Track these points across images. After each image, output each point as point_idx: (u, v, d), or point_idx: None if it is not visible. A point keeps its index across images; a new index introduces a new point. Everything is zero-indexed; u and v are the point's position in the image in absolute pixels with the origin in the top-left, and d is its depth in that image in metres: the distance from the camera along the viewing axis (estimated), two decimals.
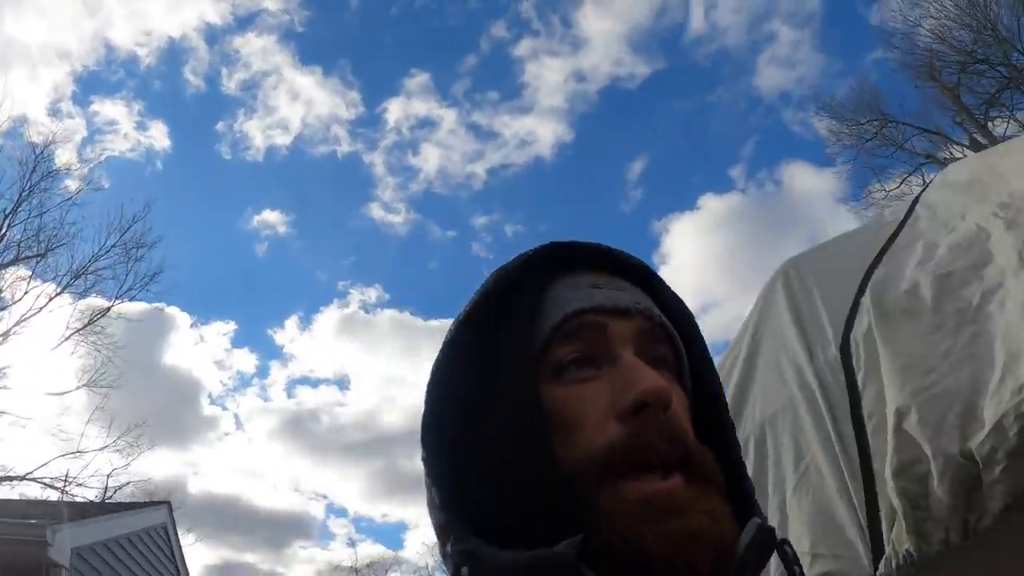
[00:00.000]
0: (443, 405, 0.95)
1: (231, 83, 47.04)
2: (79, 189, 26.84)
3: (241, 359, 63.12)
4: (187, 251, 57.93)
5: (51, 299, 26.39)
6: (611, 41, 46.57)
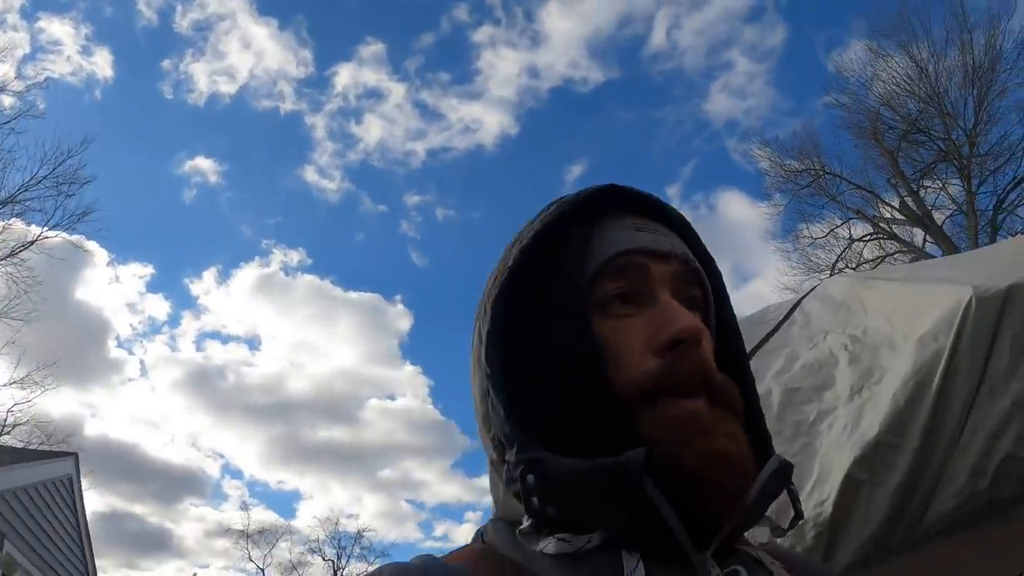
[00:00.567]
0: (503, 326, 0.99)
1: (184, 21, 46.43)
2: (16, 115, 25.71)
3: (154, 305, 61.04)
4: (113, 186, 56.64)
5: None
6: (570, 42, 46.04)
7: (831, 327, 2.91)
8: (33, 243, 25.10)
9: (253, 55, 50.98)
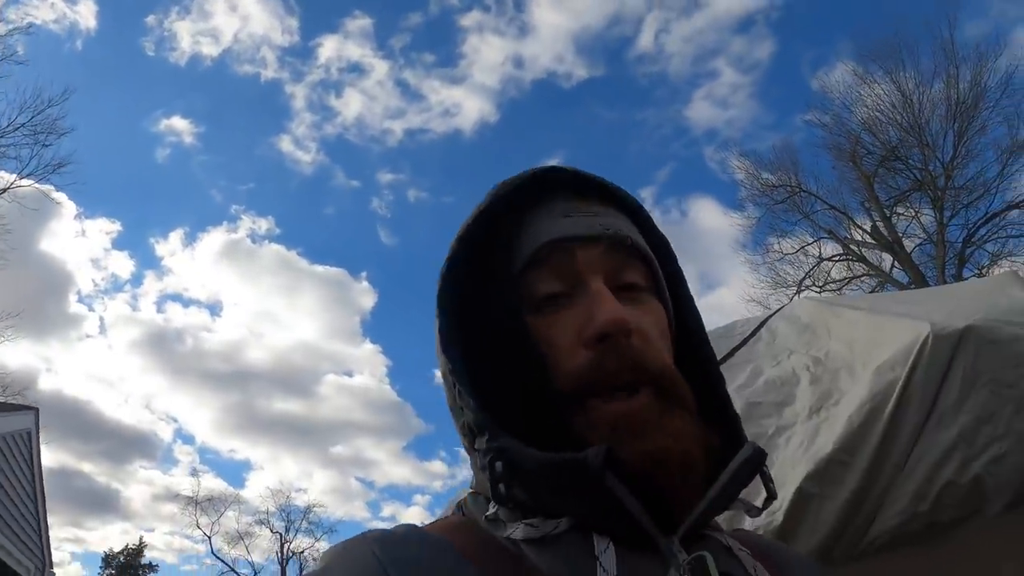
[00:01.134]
0: (454, 319, 0.99)
1: None
2: None
3: (118, 262, 60.52)
4: (86, 138, 55.13)
5: None
6: (558, 36, 45.78)
7: (796, 347, 3.06)
8: (5, 191, 24.60)
9: (239, 19, 51.06)
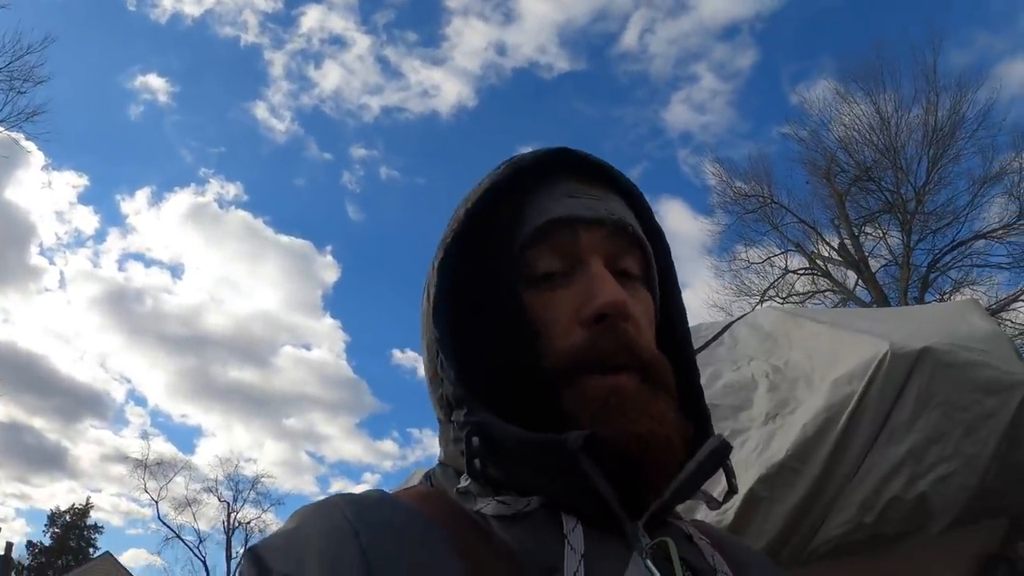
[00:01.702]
0: (447, 292, 0.98)
1: None
2: None
3: (83, 217, 60.00)
4: (61, 89, 54.44)
5: None
6: (543, 27, 45.43)
7: (756, 354, 3.12)
8: None
9: None
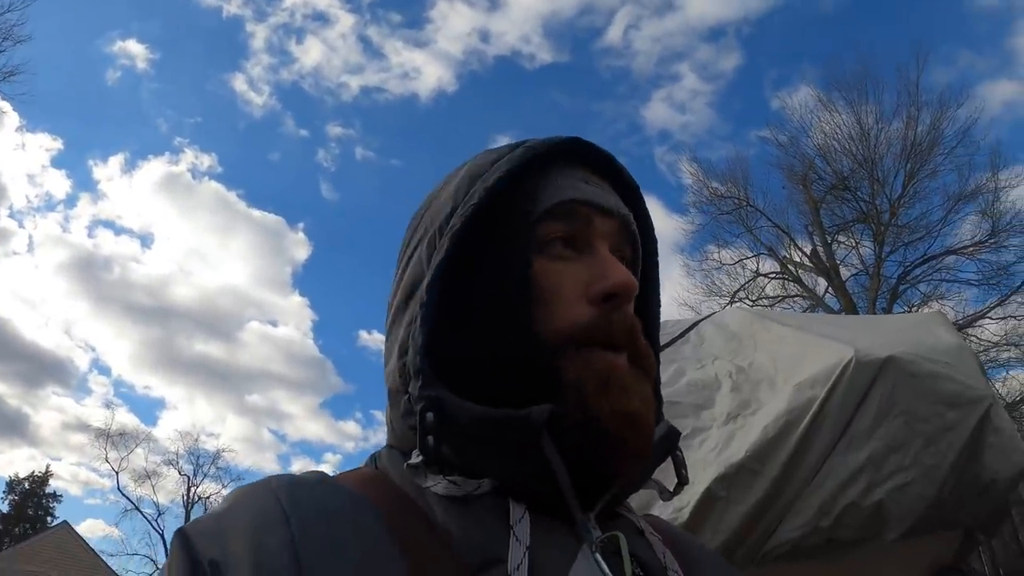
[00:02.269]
0: (450, 261, 0.95)
1: None
2: None
3: (55, 181, 58.49)
4: (39, 50, 52.50)
5: None
6: (528, 16, 44.80)
7: (721, 353, 3.13)
8: None
9: None
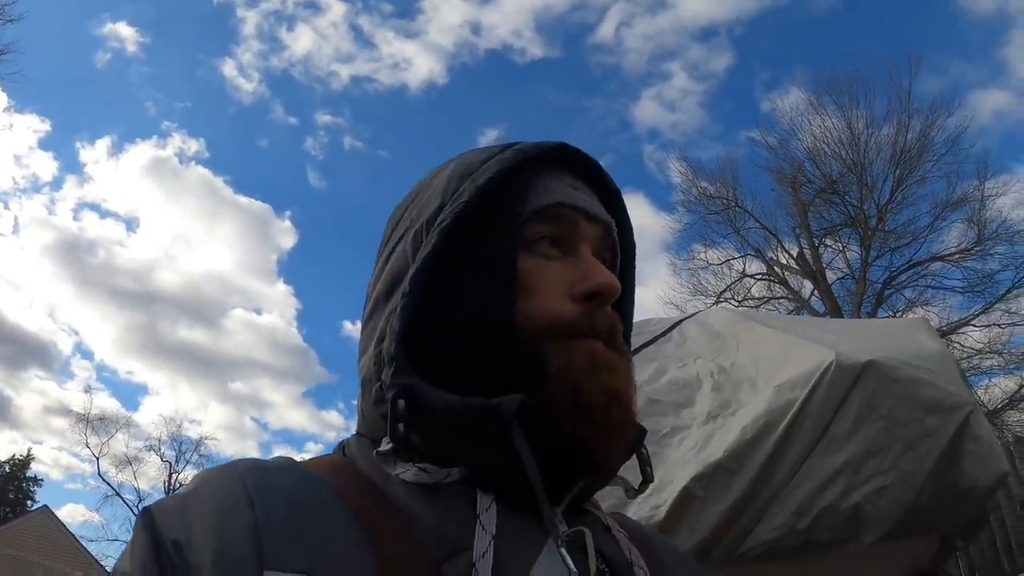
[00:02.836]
0: (436, 256, 0.96)
1: None
2: None
3: (41, 162, 57.78)
4: (29, 30, 52.69)
5: None
6: (520, 10, 44.50)
7: (704, 353, 3.13)
8: None
9: None
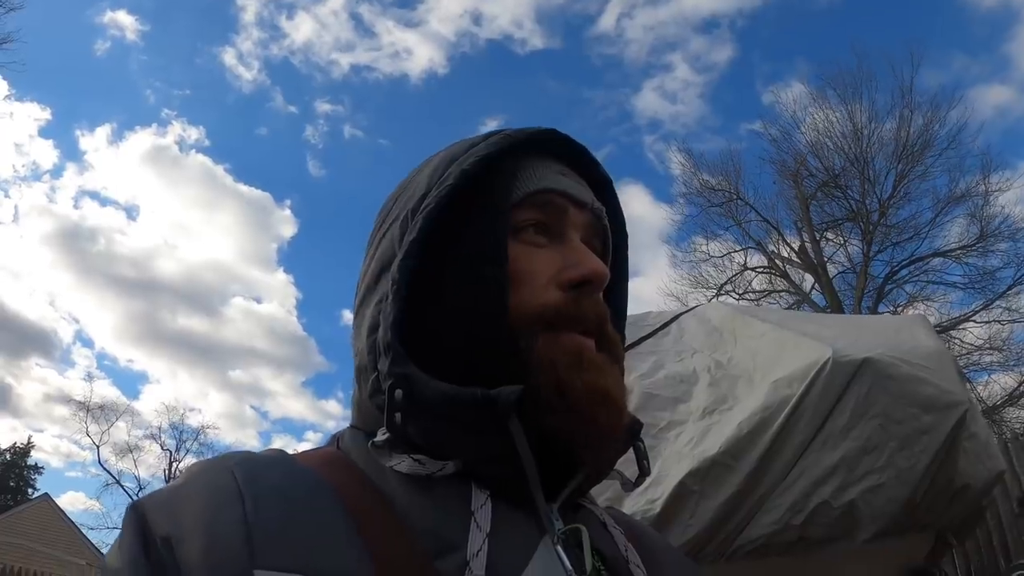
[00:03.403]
0: (422, 242, 0.95)
1: None
2: None
3: (42, 151, 57.48)
4: (30, 19, 52.53)
5: None
6: (521, 1, 44.70)
7: (701, 347, 3.14)
8: None
9: None
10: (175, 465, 39.33)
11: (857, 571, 2.63)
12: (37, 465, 47.51)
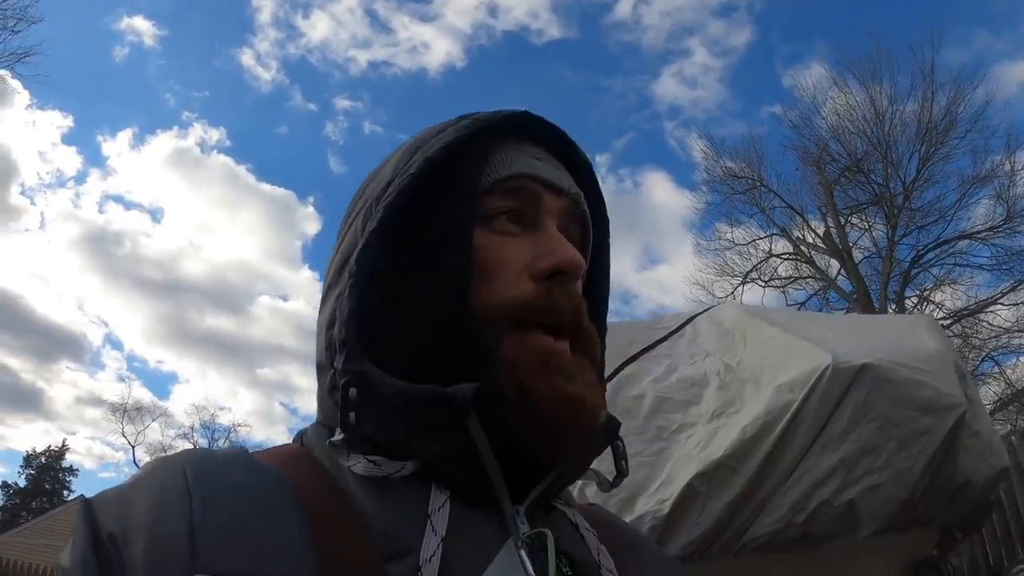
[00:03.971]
0: (383, 233, 0.92)
1: None
2: None
3: (65, 157, 59.11)
4: (48, 28, 53.07)
5: None
6: None
7: (713, 350, 3.24)
8: None
9: None
10: None
11: (862, 562, 2.73)
12: (72, 467, 47.97)
